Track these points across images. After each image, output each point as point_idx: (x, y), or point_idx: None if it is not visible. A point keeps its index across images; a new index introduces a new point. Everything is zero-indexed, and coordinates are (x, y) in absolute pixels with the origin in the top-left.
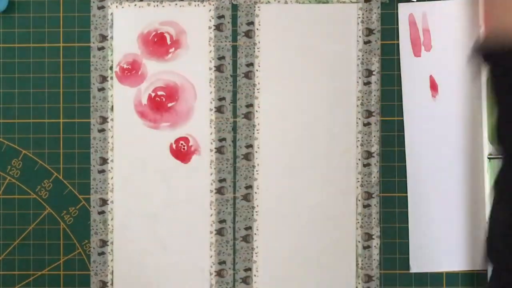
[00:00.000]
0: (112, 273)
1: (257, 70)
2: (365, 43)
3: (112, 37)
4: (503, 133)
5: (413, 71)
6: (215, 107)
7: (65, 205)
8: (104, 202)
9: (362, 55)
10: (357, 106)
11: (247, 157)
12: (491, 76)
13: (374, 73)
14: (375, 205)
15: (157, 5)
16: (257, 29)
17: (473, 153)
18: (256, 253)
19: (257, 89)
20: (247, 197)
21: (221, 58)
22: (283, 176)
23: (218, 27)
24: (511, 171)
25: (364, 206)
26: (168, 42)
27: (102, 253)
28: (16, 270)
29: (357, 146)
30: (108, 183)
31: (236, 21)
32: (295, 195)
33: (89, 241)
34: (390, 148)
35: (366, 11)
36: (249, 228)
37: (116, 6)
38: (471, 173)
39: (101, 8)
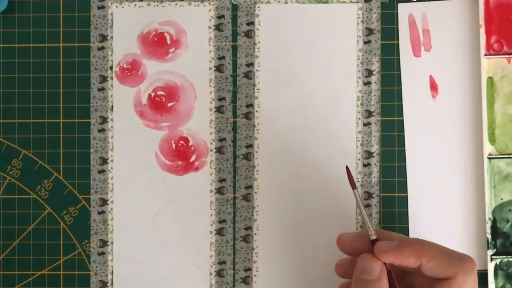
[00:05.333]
0: (112, 273)
1: (257, 70)
2: (365, 43)
3: (112, 37)
4: None
5: (413, 71)
6: (215, 107)
7: (65, 205)
8: (104, 202)
9: (362, 55)
10: (357, 106)
11: (247, 157)
12: None
13: (374, 73)
14: (375, 205)
15: (157, 5)
16: (257, 29)
17: (473, 153)
18: (256, 253)
19: (257, 89)
20: (247, 197)
21: (221, 58)
22: (283, 176)
23: (218, 27)
24: None
25: (364, 206)
26: (168, 42)
27: (102, 253)
28: (16, 270)
29: (357, 146)
30: (108, 183)
31: (236, 21)
32: (295, 195)
33: (89, 241)
34: (390, 148)
35: (366, 11)
36: (249, 228)
37: (116, 6)
38: (471, 173)
39: (101, 8)
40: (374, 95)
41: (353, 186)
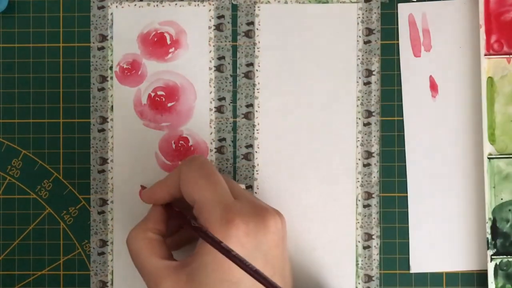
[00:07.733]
0: (112, 273)
1: (257, 70)
2: (365, 43)
3: (112, 37)
4: None
5: (413, 71)
6: (215, 107)
7: (65, 205)
8: (104, 202)
9: (362, 55)
10: (357, 106)
11: (247, 157)
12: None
13: (374, 73)
14: (375, 205)
15: (157, 5)
16: (257, 29)
17: (473, 153)
18: None
19: (257, 89)
20: None
21: (221, 58)
22: (283, 176)
23: (218, 27)
24: None
25: (364, 206)
26: (168, 42)
27: (102, 253)
28: (16, 270)
29: (357, 146)
30: (108, 183)
31: (236, 21)
32: (295, 195)
33: (89, 241)
34: (390, 148)
35: (366, 11)
36: None
37: (116, 6)
38: (471, 173)
39: (101, 8)
40: (374, 95)
41: None
